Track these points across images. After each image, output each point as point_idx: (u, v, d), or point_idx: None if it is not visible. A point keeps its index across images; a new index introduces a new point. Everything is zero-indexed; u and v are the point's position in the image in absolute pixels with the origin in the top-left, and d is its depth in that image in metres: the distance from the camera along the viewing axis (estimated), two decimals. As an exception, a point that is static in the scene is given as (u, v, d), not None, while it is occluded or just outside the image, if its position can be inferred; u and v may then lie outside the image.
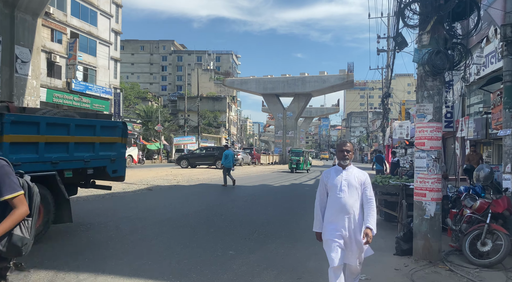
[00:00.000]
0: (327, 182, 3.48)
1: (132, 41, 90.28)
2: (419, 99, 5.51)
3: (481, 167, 5.96)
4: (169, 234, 6.39)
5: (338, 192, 3.38)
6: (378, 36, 26.74)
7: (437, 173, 5.35)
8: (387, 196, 7.72)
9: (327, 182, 3.48)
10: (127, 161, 29.25)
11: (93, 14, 37.21)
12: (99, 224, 6.89)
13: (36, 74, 12.23)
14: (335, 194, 3.40)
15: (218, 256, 5.20)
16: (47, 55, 31.53)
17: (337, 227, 3.35)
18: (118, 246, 5.42)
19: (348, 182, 3.38)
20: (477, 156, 10.94)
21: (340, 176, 3.42)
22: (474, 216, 5.83)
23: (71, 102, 33.25)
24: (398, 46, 5.72)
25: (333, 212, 3.40)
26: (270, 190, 14.95)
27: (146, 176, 18.77)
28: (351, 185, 3.37)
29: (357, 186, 3.38)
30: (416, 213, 5.50)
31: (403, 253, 5.65)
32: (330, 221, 3.41)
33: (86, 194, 10.82)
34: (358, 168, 3.55)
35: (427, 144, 5.36)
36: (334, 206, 3.39)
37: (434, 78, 5.38)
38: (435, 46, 5.31)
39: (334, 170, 3.51)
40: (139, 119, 45.08)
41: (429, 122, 5.38)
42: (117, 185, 13.59)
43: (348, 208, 3.34)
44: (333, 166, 3.58)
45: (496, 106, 11.09)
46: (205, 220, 7.84)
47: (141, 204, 9.67)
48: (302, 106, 48.29)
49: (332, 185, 3.42)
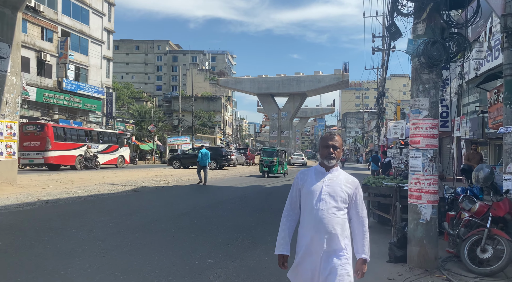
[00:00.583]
0: (302, 187, 2.52)
1: (127, 41, 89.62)
2: (414, 93, 5.09)
3: (480, 167, 5.54)
4: (145, 240, 5.93)
5: (315, 202, 2.41)
6: (373, 35, 26.39)
7: (433, 173, 4.93)
8: (380, 198, 7.31)
9: (302, 187, 2.52)
10: (119, 162, 28.92)
11: (85, 12, 36.63)
12: (72, 228, 6.40)
13: (16, 71, 11.72)
14: (311, 205, 2.43)
15: (194, 265, 4.75)
16: (37, 54, 30.93)
17: (310, 251, 2.42)
18: (86, 254, 4.95)
19: (332, 190, 2.43)
20: (478, 155, 10.36)
21: (322, 180, 2.46)
22: (473, 220, 5.41)
23: (62, 101, 32.67)
24: (392, 37, 5.30)
25: (307, 230, 2.43)
26: (262, 191, 14.51)
27: (135, 177, 18.26)
28: (336, 195, 2.43)
29: (343, 197, 2.44)
30: (411, 217, 5.08)
31: (396, 260, 5.23)
32: (301, 243, 2.46)
33: (67, 196, 10.33)
34: (347, 173, 2.58)
35: (422, 142, 4.94)
36: (309, 222, 2.42)
37: (430, 71, 4.96)
38: (431, 36, 4.89)
39: (314, 171, 2.55)
40: (132, 119, 44.49)
41: (424, 118, 4.96)
42: (102, 187, 13.13)
43: (327, 227, 2.37)
44: (314, 166, 2.61)
45: (493, 105, 10.71)
46: (187, 224, 7.37)
47: (123, 207, 9.19)
48: (297, 106, 47.93)
49: (309, 192, 2.46)
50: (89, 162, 24.32)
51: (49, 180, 15.16)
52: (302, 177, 2.57)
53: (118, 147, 28.77)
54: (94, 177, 17.48)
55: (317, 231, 2.40)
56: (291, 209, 2.58)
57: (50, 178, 16.34)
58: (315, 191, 2.45)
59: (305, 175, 2.56)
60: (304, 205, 2.51)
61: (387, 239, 6.09)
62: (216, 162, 29.45)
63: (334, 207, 2.42)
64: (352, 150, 79.47)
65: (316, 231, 2.40)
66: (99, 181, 15.46)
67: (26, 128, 23.11)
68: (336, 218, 2.41)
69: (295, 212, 2.57)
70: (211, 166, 29.17)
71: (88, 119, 36.01)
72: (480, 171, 5.44)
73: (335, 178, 2.48)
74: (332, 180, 2.47)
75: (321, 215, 2.40)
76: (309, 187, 2.48)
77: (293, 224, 2.57)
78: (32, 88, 29.41)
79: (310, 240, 2.42)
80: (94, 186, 13.32)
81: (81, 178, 16.70)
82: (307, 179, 2.53)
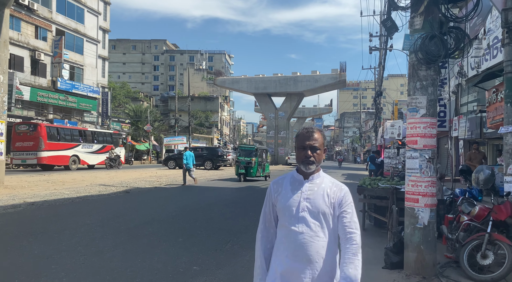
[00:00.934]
0: (275, 201, 2.00)
1: (123, 41, 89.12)
2: (411, 91, 4.83)
3: (480, 168, 5.28)
4: (130, 244, 5.65)
5: (293, 221, 1.90)
6: (370, 34, 26.36)
7: (431, 175, 4.67)
8: (376, 200, 7.04)
9: (275, 201, 2.00)
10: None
11: (80, 11, 36.26)
12: (53, 232, 6.12)
13: (4, 69, 11.41)
14: (288, 225, 1.92)
15: (179, 272, 4.47)
16: (31, 53, 30.56)
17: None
18: (64, 261, 4.66)
19: (313, 205, 1.91)
20: (480, 155, 9.87)
21: (299, 193, 1.94)
22: (472, 224, 5.16)
23: (56, 101, 32.30)
24: (388, 32, 5.05)
25: (285, 257, 1.90)
26: (256, 192, 14.24)
27: (128, 177, 17.96)
28: (318, 210, 1.91)
29: (327, 212, 1.92)
30: (408, 221, 4.81)
31: (392, 267, 4.97)
32: (279, 273, 1.91)
33: (55, 198, 10.04)
34: (332, 178, 2.06)
35: (419, 142, 4.68)
36: (287, 246, 1.90)
37: (428, 67, 4.70)
38: (428, 30, 4.63)
39: (289, 179, 2.02)
40: (128, 119, 44.13)
41: (422, 117, 4.70)
42: (93, 188, 12.84)
43: (310, 255, 1.86)
44: (290, 173, 2.07)
45: (491, 104, 10.48)
46: (176, 227, 7.09)
47: (111, 209, 8.90)
48: (294, 106, 47.66)
49: (284, 208, 1.95)
50: (113, 162, 26.70)
51: (39, 181, 14.84)
52: (275, 188, 2.02)
53: (113, 147, 28.47)
54: (87, 177, 17.17)
55: (296, 260, 1.87)
56: (266, 228, 2.05)
57: (41, 178, 16.02)
58: (291, 207, 1.92)
59: (279, 186, 2.02)
60: (280, 225, 1.98)
61: (383, 243, 5.84)
62: (212, 162, 29.17)
63: (318, 226, 1.88)
64: (349, 150, 79.33)
65: (295, 260, 1.87)
66: (91, 182, 15.16)
67: (19, 128, 22.79)
68: (320, 242, 1.87)
69: (270, 232, 2.04)
70: (207, 166, 28.95)
71: (83, 119, 35.64)
72: (480, 172, 5.18)
73: (316, 187, 1.95)
74: (313, 191, 1.94)
75: (301, 239, 1.87)
76: (284, 202, 1.95)
77: (270, 246, 2.04)
78: (26, 87, 29.04)
79: (287, 270, 1.89)
80: (85, 187, 13.03)
81: (73, 178, 16.39)
82: (281, 191, 1.99)
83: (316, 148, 1.96)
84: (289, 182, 2.00)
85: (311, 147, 1.95)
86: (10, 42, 27.92)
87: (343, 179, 22.33)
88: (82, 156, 25.18)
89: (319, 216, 1.91)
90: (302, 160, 1.95)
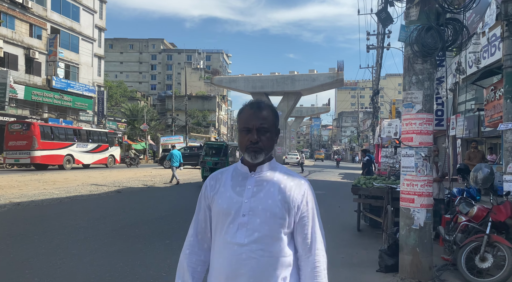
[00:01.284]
0: (212, 202, 1.47)
1: (121, 40, 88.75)
2: (406, 85, 4.60)
3: (479, 167, 5.05)
4: (113, 247, 5.40)
5: (233, 230, 1.39)
6: (368, 32, 26.03)
7: (428, 174, 4.44)
8: (371, 200, 6.81)
9: (212, 202, 1.47)
10: (109, 161, 28.31)
11: (75, 9, 35.92)
12: (34, 235, 5.86)
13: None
14: (225, 236, 1.40)
15: (161, 277, 4.23)
16: (25, 51, 30.23)
17: None
18: (40, 265, 4.41)
19: (260, 206, 1.39)
20: (479, 154, 9.64)
21: (242, 190, 1.44)
22: (470, 225, 4.94)
23: (51, 100, 31.97)
24: (382, 23, 4.81)
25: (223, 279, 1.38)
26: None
27: (122, 177, 17.69)
28: (267, 213, 1.38)
29: (281, 216, 1.39)
30: (403, 222, 4.59)
31: (387, 270, 4.74)
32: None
33: (43, 198, 9.78)
34: (287, 169, 1.52)
35: (415, 139, 4.45)
36: (225, 266, 1.37)
37: (424, 60, 4.47)
38: (425, 22, 4.41)
39: (231, 173, 1.51)
40: (124, 118, 43.81)
41: (417, 113, 4.47)
42: (84, 187, 12.58)
43: (256, 274, 1.35)
44: (233, 165, 1.56)
45: (489, 102, 10.30)
46: (164, 228, 6.84)
47: (99, 209, 8.64)
48: (292, 105, 47.43)
49: (221, 212, 1.43)
50: (133, 161, 28.64)
51: (30, 181, 14.57)
52: (212, 185, 1.48)
53: (108, 147, 28.18)
54: (80, 177, 16.90)
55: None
56: (198, 243, 1.49)
57: (33, 178, 15.74)
58: (230, 209, 1.39)
59: (217, 182, 1.49)
60: (215, 234, 1.45)
61: (378, 245, 5.63)
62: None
63: (267, 237, 1.36)
64: (347, 149, 79.21)
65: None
66: (83, 181, 14.90)
67: (12, 127, 22.47)
68: (271, 259, 1.36)
69: (204, 247, 1.49)
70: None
71: (79, 118, 35.33)
72: (479, 171, 4.94)
73: (265, 183, 1.43)
74: (261, 188, 1.41)
75: (243, 256, 1.34)
76: (222, 203, 1.42)
77: (201, 267, 1.48)
78: (20, 86, 28.72)
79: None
80: (76, 186, 12.76)
81: (65, 178, 16.12)
82: (219, 188, 1.46)
83: (265, 129, 1.42)
84: (230, 176, 1.48)
85: (259, 128, 1.42)
86: (4, 40, 27.64)
87: (340, 178, 22.12)
88: (76, 156, 24.87)
89: (269, 221, 1.36)
90: (246, 147, 1.43)
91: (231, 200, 1.42)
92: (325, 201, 11.81)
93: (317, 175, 24.47)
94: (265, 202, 1.40)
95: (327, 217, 8.76)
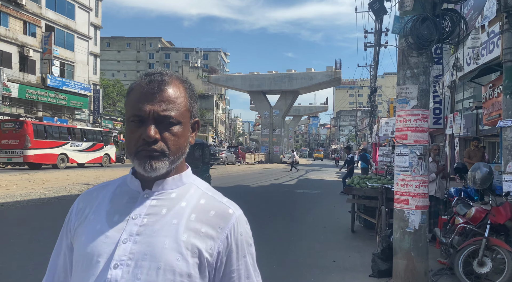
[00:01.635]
0: (74, 238, 0.88)
1: (118, 38, 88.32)
2: (401, 80, 4.36)
3: (477, 166, 4.82)
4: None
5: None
6: (365, 30, 25.82)
7: (423, 173, 4.20)
8: (365, 200, 6.58)
9: (74, 238, 0.88)
10: (104, 160, 28.02)
11: (71, 6, 35.56)
12: (12, 237, 5.60)
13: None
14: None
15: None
16: (19, 49, 29.87)
17: None
18: (8, 273, 4.14)
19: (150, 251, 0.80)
20: (479, 152, 9.14)
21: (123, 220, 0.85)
22: (468, 227, 4.70)
23: (46, 98, 31.64)
24: (376, 14, 4.56)
25: None
26: (245, 192, 13.75)
27: (116, 176, 17.30)
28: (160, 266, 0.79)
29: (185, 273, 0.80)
30: (397, 225, 4.34)
31: (380, 275, 4.50)
32: None
33: (29, 198, 9.50)
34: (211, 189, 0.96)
35: (410, 136, 4.20)
36: None
37: (420, 53, 4.23)
38: (420, 12, 4.16)
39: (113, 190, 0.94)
40: (121, 117, 43.51)
41: (412, 109, 4.22)
42: (74, 187, 12.30)
43: None
44: (119, 178, 1.00)
45: (488, 100, 10.06)
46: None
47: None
48: (289, 104, 47.20)
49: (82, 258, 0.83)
50: None
51: (20, 180, 14.27)
52: (80, 210, 0.93)
53: (104, 145, 27.88)
54: (72, 176, 16.62)
55: None
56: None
57: (24, 177, 15.45)
58: (96, 255, 0.82)
59: (88, 204, 0.93)
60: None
61: (372, 247, 5.39)
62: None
63: None
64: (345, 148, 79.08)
65: None
66: (75, 180, 14.61)
67: (5, 125, 22.16)
68: None
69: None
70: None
71: (74, 117, 35.02)
72: (477, 170, 4.71)
73: (165, 210, 0.86)
74: (157, 218, 0.85)
75: None
76: (85, 243, 0.84)
77: None
78: (14, 84, 28.40)
79: None
80: (66, 186, 12.48)
81: (56, 177, 15.83)
82: (88, 215, 0.89)
83: (169, 119, 0.86)
84: (110, 196, 0.92)
85: (159, 118, 0.85)
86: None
87: (337, 178, 21.88)
88: (71, 155, 24.57)
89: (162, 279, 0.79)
90: (137, 149, 0.85)
91: (100, 237, 0.83)
92: (320, 201, 11.58)
93: (314, 174, 24.24)
94: (158, 243, 0.81)
95: (320, 218, 8.52)
